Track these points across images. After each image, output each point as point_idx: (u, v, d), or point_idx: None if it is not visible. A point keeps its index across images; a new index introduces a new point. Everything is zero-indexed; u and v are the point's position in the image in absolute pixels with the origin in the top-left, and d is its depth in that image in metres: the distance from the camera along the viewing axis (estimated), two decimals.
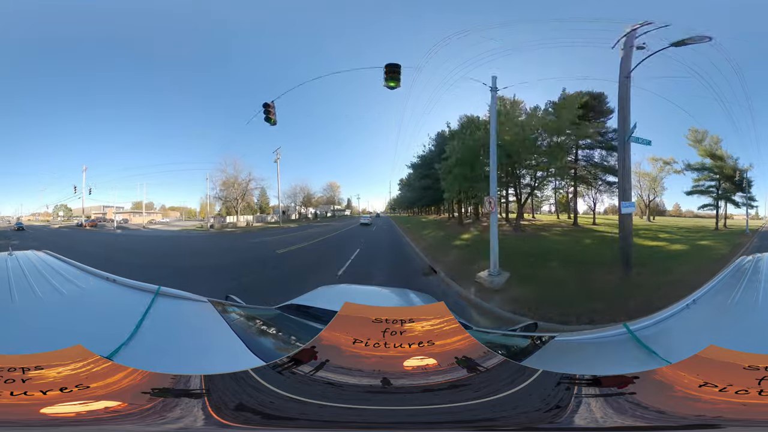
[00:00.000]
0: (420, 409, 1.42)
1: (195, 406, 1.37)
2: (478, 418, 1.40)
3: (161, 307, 2.18)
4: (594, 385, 1.47)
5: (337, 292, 3.77)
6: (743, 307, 2.16)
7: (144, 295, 2.37)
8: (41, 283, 2.59)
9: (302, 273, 11.49)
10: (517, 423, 1.38)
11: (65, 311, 2.18)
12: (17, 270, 2.94)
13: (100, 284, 2.73)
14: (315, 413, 1.39)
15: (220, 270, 11.91)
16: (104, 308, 2.33)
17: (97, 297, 2.49)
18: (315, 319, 2.35)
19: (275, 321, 2.54)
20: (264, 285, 9.88)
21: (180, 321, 2.20)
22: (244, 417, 1.37)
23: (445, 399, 1.45)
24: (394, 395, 1.47)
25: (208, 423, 1.34)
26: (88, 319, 2.11)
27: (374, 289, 4.47)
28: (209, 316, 2.22)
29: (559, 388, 1.48)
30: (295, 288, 5.96)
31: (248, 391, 1.45)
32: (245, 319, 2.41)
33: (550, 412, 1.40)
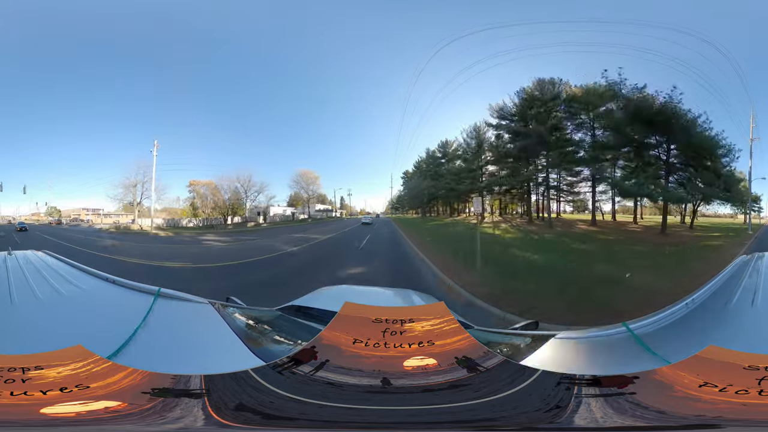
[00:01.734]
0: (420, 409, 1.42)
1: (195, 406, 1.37)
2: (478, 418, 1.40)
3: (161, 308, 2.18)
4: (594, 385, 1.47)
5: (338, 292, 3.77)
6: (743, 307, 2.16)
7: (144, 296, 2.37)
8: (40, 283, 2.59)
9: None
10: (517, 423, 1.38)
11: (65, 311, 2.18)
12: (16, 270, 2.94)
13: (100, 285, 2.73)
14: (315, 413, 1.39)
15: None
16: (104, 309, 2.33)
17: (96, 297, 2.49)
18: (315, 320, 2.34)
19: (276, 322, 2.54)
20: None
21: (180, 322, 2.20)
22: (244, 417, 1.37)
23: (445, 399, 1.45)
24: (394, 395, 1.47)
25: (208, 423, 1.34)
26: (88, 319, 2.11)
27: (375, 290, 4.46)
28: (209, 317, 2.22)
29: (559, 388, 1.48)
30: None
31: (248, 391, 1.45)
32: (246, 321, 2.41)
33: (550, 412, 1.40)
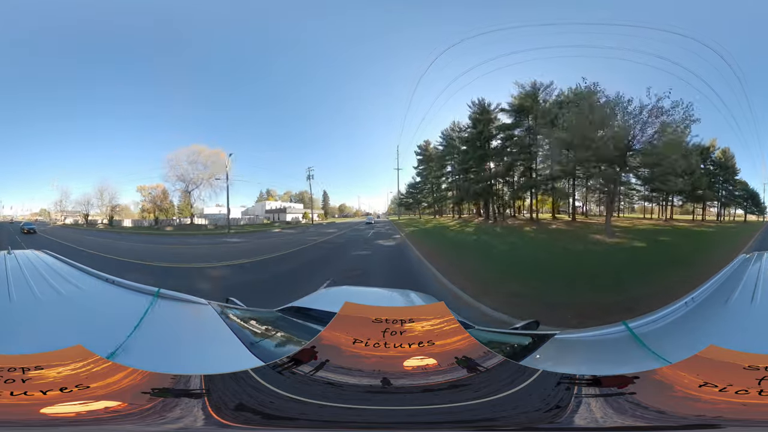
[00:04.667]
0: (420, 409, 1.42)
1: (195, 406, 1.37)
2: (478, 418, 1.40)
3: (161, 308, 2.18)
4: (594, 385, 1.47)
5: (338, 293, 3.77)
6: (743, 306, 2.16)
7: (143, 296, 2.37)
8: (40, 283, 2.58)
9: None
10: (517, 423, 1.38)
11: (64, 311, 2.18)
12: (16, 270, 2.94)
13: (99, 285, 2.73)
14: (315, 413, 1.39)
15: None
16: (104, 309, 2.32)
17: (96, 298, 2.49)
18: (315, 321, 2.34)
19: (275, 323, 2.54)
20: None
21: (180, 322, 2.20)
22: (244, 417, 1.37)
23: (445, 399, 1.45)
24: (394, 395, 1.47)
25: (208, 423, 1.34)
26: (88, 319, 2.10)
27: (374, 291, 4.46)
28: (209, 317, 2.22)
29: (559, 388, 1.47)
30: None
31: (248, 391, 1.45)
32: (245, 321, 2.40)
33: (550, 412, 1.40)
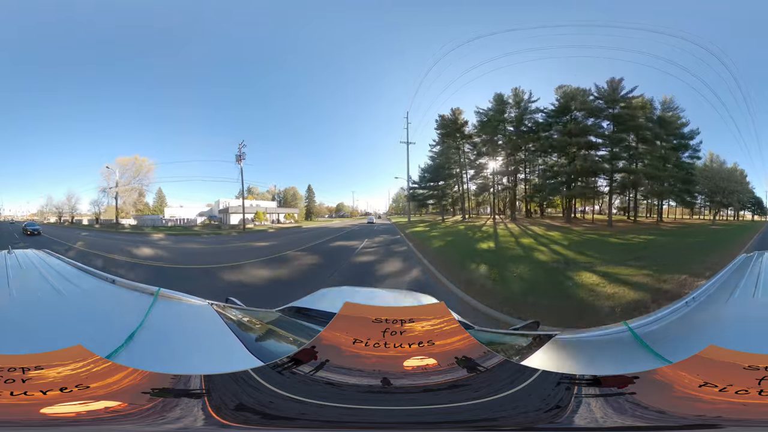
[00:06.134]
0: (420, 409, 1.42)
1: (195, 406, 1.37)
2: (478, 418, 1.40)
3: (161, 308, 2.18)
4: (594, 385, 1.46)
5: (338, 294, 3.77)
6: (743, 306, 2.16)
7: (143, 296, 2.37)
8: (40, 283, 2.59)
9: None
10: (517, 423, 1.38)
11: (65, 311, 2.18)
12: (16, 269, 2.94)
13: (100, 285, 2.73)
14: (315, 413, 1.39)
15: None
16: (104, 309, 2.33)
17: (96, 298, 2.49)
18: (315, 321, 2.34)
19: (275, 323, 2.53)
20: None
21: (180, 322, 2.20)
22: (244, 417, 1.37)
23: (445, 399, 1.45)
24: (394, 395, 1.47)
25: (208, 423, 1.34)
26: (88, 319, 2.10)
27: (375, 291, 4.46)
28: (209, 318, 2.22)
29: (559, 387, 1.47)
30: None
31: (248, 391, 1.45)
32: (245, 321, 2.41)
33: (550, 412, 1.40)
